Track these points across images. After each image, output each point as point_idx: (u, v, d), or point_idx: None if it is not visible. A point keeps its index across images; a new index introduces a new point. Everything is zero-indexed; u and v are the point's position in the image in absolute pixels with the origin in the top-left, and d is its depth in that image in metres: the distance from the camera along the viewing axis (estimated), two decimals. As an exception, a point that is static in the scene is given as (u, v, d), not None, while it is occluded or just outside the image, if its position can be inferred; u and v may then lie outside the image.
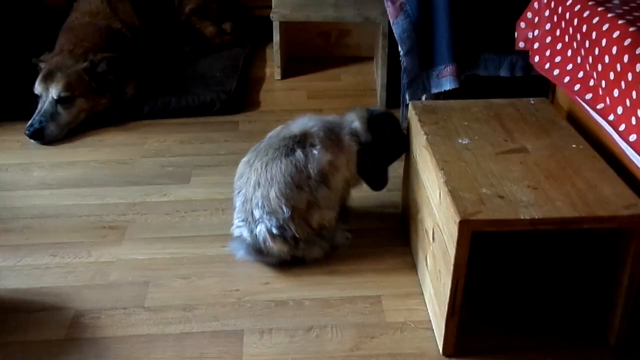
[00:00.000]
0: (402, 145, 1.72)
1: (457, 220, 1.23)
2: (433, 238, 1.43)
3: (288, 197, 1.55)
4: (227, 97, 2.48)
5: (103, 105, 2.38)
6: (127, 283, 1.59)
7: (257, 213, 1.57)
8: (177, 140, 2.29)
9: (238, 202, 1.64)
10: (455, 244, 1.25)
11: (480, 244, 1.67)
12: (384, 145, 1.69)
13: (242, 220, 1.62)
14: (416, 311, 1.50)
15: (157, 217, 1.85)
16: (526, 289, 1.56)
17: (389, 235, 1.76)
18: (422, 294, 1.54)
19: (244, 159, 1.68)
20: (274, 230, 1.56)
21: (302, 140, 1.60)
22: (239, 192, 1.64)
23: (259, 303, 1.53)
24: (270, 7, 2.81)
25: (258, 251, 1.60)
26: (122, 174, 2.07)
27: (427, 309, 1.49)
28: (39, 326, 1.46)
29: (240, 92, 2.57)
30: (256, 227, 1.57)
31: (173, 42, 2.92)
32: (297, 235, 1.57)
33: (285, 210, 1.55)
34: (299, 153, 1.58)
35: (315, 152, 1.59)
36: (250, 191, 1.59)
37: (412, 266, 1.64)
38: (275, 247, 1.57)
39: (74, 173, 2.08)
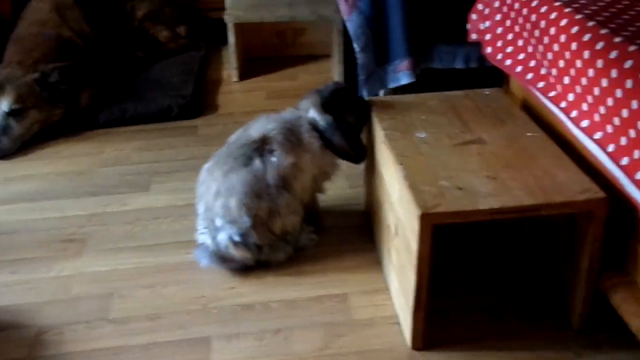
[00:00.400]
0: (364, 112, 1.68)
1: (418, 214, 1.24)
2: (396, 233, 1.44)
3: (248, 206, 1.54)
4: (185, 101, 2.45)
5: (57, 116, 2.33)
6: (89, 296, 1.56)
7: (218, 221, 1.56)
8: (136, 147, 2.26)
9: (200, 210, 1.63)
10: (417, 238, 1.26)
11: (443, 236, 1.69)
12: (345, 120, 1.66)
13: (205, 228, 1.61)
14: (383, 307, 1.51)
15: (118, 227, 1.82)
16: (491, 278, 1.58)
17: (354, 232, 1.77)
18: (388, 289, 1.55)
19: (206, 166, 1.66)
20: (236, 238, 1.55)
21: (260, 147, 1.59)
22: (201, 200, 1.63)
23: (225, 308, 1.52)
24: (224, 9, 2.79)
25: (221, 258, 1.59)
26: (81, 185, 2.03)
27: (394, 304, 1.50)
28: (0, 346, 1.42)
29: (197, 96, 2.55)
30: (218, 235, 1.57)
31: (127, 48, 2.88)
32: (259, 243, 1.57)
33: (245, 220, 1.54)
34: (257, 162, 1.57)
35: (273, 159, 1.58)
36: (211, 200, 1.58)
37: (377, 262, 1.64)
38: (237, 254, 1.56)
39: (30, 187, 2.04)
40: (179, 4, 3.11)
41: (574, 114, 1.39)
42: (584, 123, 1.35)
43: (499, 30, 1.74)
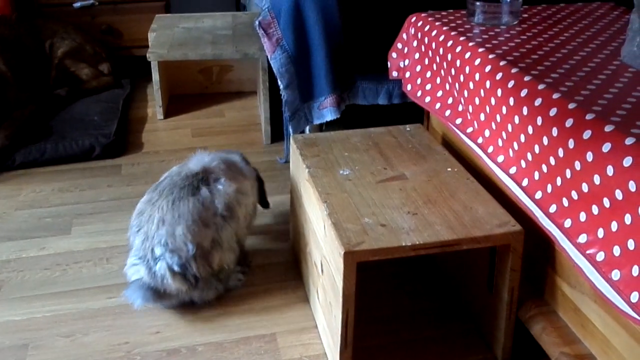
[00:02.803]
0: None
1: (342, 252, 1.24)
2: (322, 270, 1.44)
3: (194, 233, 1.53)
4: (108, 140, 2.40)
5: (-30, 158, 2.23)
6: (3, 348, 1.48)
7: (158, 250, 1.53)
8: (56, 188, 2.18)
9: (137, 240, 1.58)
10: (342, 276, 1.26)
11: (367, 271, 1.70)
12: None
13: (140, 258, 1.55)
14: (312, 345, 1.49)
15: (35, 273, 1.74)
16: (416, 312, 1.60)
17: (281, 270, 1.75)
18: (317, 327, 1.54)
19: (144, 199, 1.63)
20: (175, 268, 1.52)
21: (205, 177, 1.61)
22: (139, 230, 1.58)
23: (150, 354, 1.47)
24: (147, 46, 2.77)
25: (157, 294, 1.54)
26: (-5, 230, 1.95)
27: (322, 342, 1.49)
28: None
29: (121, 135, 2.50)
30: (156, 265, 1.52)
31: (46, 87, 2.80)
32: (197, 275, 1.54)
33: (190, 248, 1.52)
34: (204, 190, 1.58)
35: (220, 186, 1.60)
36: (152, 229, 1.55)
37: (304, 300, 1.63)
38: (174, 285, 1.52)
39: (-61, 233, 1.93)
40: (101, 41, 3.06)
41: (490, 149, 1.44)
42: (500, 158, 1.40)
43: (418, 68, 1.79)
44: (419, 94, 1.77)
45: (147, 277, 1.53)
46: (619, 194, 1.03)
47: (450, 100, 1.63)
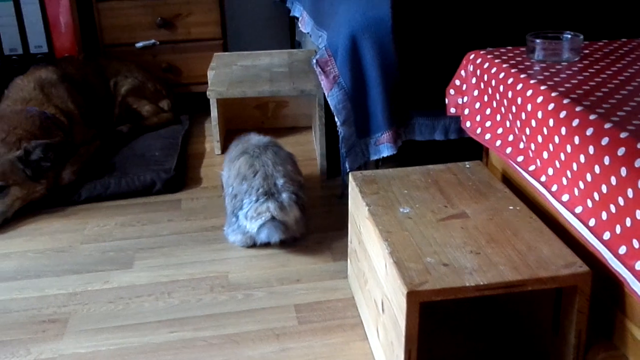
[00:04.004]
0: None
1: (405, 292, 1.24)
2: (383, 309, 1.43)
3: (297, 170, 2.07)
4: (168, 176, 2.46)
5: (39, 193, 2.32)
6: (70, 380, 1.52)
7: (280, 182, 1.94)
8: (118, 223, 2.24)
9: (256, 182, 1.93)
10: (404, 315, 1.25)
11: (427, 309, 1.68)
12: None
13: (264, 194, 1.91)
14: (371, 385, 1.48)
15: (100, 306, 1.79)
16: (478, 353, 1.57)
17: (339, 307, 1.75)
18: (376, 366, 1.53)
19: (241, 159, 2.01)
20: (294, 197, 1.94)
21: (274, 143, 2.11)
22: (255, 174, 1.94)
23: (211, 390, 1.48)
24: (206, 83, 2.84)
25: (284, 225, 1.92)
26: (61, 263, 2.00)
27: (382, 382, 1.48)
28: None
29: (180, 170, 2.56)
30: (281, 195, 1.92)
31: (110, 124, 2.90)
32: (304, 204, 1.99)
33: (300, 178, 2.04)
34: (278, 149, 2.09)
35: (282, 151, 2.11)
36: (270, 169, 1.96)
37: (364, 338, 1.62)
38: (296, 212, 1.95)
39: (9, 265, 2.00)
40: (161, 79, 3.16)
41: (554, 188, 1.42)
42: (565, 197, 1.37)
43: (477, 105, 1.79)
44: (478, 131, 1.77)
45: (274, 210, 1.89)
46: (694, 237, 1.00)
47: (511, 138, 1.62)
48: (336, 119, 2.16)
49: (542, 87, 1.49)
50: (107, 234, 2.17)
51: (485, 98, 1.75)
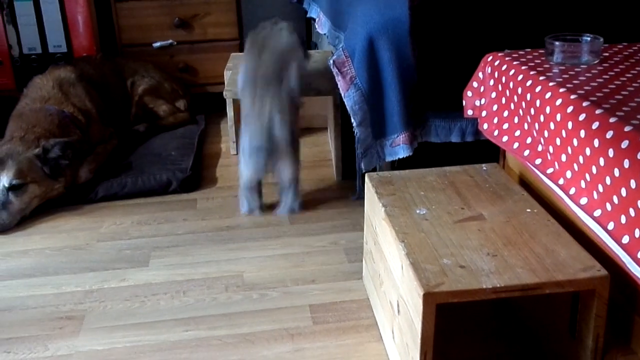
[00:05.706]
0: None
1: (421, 293, 1.24)
2: (398, 311, 1.43)
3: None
4: (184, 175, 2.47)
5: (57, 191, 2.34)
6: (86, 377, 1.53)
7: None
8: (134, 221, 2.26)
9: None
10: (420, 317, 1.25)
11: (443, 311, 1.67)
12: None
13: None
14: (386, 386, 1.48)
15: (116, 304, 1.80)
16: (494, 355, 1.56)
17: (353, 308, 1.75)
18: (391, 367, 1.52)
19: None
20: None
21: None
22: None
23: (226, 389, 1.49)
24: (223, 83, 2.85)
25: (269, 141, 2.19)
26: (78, 260, 2.02)
27: (397, 384, 1.48)
28: None
29: (196, 170, 2.57)
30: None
31: (127, 123, 2.92)
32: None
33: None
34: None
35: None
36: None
37: (378, 339, 1.62)
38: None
39: (27, 262, 2.02)
40: (178, 79, 3.18)
41: (572, 191, 1.41)
42: (583, 200, 1.36)
43: (495, 107, 1.78)
44: (495, 133, 1.76)
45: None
46: None
47: (529, 140, 1.61)
48: (352, 120, 2.16)
49: (561, 90, 1.48)
50: (124, 232, 2.19)
51: (503, 100, 1.74)
